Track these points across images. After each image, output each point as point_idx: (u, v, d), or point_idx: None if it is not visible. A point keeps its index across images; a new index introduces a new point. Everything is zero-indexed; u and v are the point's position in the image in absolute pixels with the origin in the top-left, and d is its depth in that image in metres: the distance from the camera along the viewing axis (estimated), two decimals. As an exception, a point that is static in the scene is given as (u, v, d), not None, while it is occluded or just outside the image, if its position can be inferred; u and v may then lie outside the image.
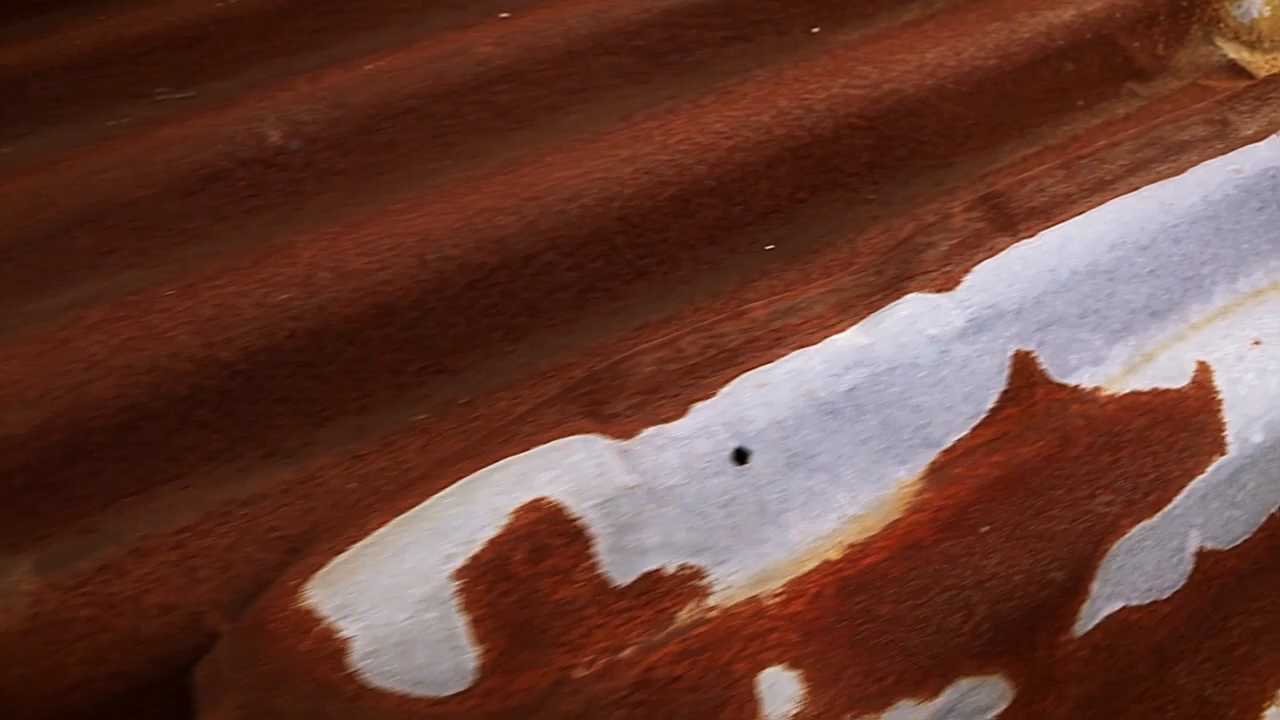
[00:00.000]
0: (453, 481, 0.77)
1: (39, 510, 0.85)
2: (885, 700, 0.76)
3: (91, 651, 0.78)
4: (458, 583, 0.72)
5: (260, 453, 0.88)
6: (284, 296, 0.90)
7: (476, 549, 0.73)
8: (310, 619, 0.72)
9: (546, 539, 0.74)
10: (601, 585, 0.75)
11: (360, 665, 0.70)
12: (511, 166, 1.02)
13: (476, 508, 0.75)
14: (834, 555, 0.80)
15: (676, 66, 1.10)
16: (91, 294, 0.94)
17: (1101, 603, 0.84)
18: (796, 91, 1.04)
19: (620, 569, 0.75)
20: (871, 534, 0.81)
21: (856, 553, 0.81)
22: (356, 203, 0.99)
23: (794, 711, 0.74)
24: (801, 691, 0.75)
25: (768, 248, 1.00)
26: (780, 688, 0.75)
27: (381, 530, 0.76)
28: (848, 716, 0.75)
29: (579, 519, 0.75)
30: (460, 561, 0.73)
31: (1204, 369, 0.91)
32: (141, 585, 0.81)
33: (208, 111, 1.04)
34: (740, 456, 0.79)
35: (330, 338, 0.90)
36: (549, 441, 0.78)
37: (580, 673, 0.73)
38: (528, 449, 0.78)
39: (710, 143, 1.00)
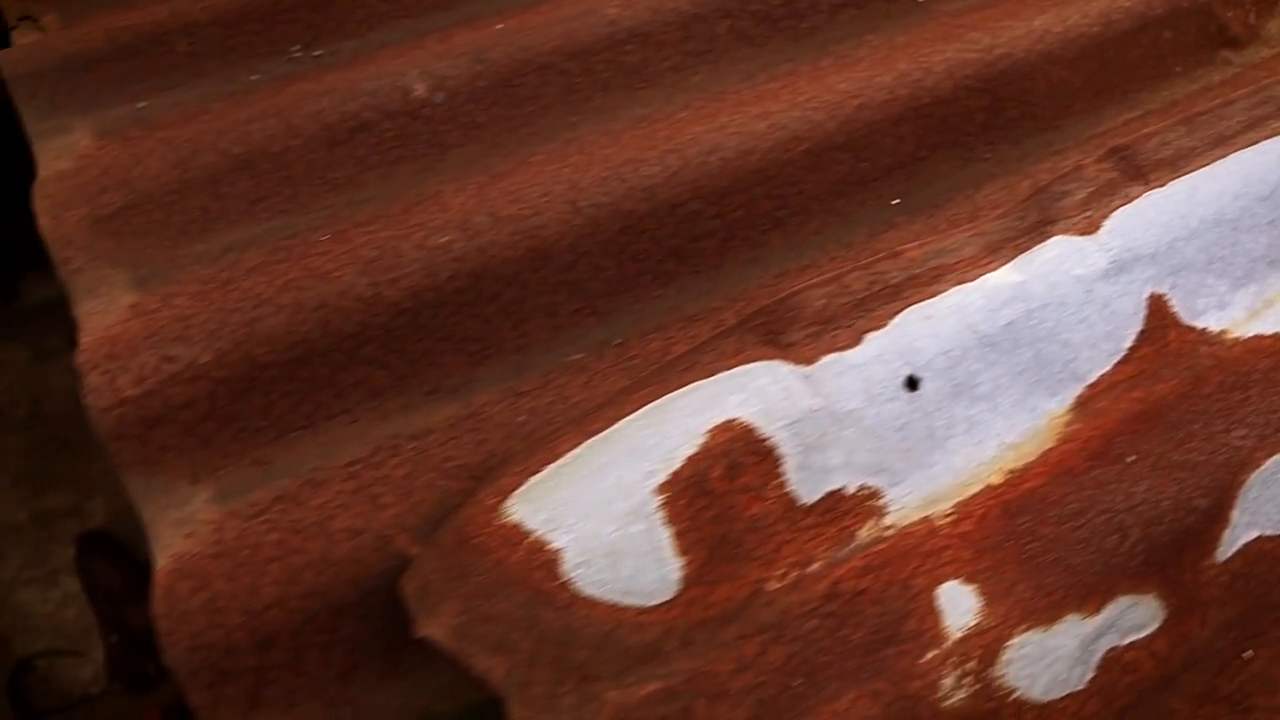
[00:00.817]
0: (640, 406, 0.80)
1: (215, 441, 0.86)
2: (1054, 614, 0.79)
3: (285, 572, 0.79)
4: (661, 497, 0.75)
5: (425, 389, 0.90)
6: (444, 239, 0.93)
7: (676, 466, 0.76)
8: (518, 533, 0.74)
9: (740, 457, 0.77)
10: (790, 503, 0.78)
11: (572, 575, 0.72)
12: (644, 122, 1.05)
13: (670, 428, 0.78)
14: (996, 480, 0.84)
15: (792, 31, 1.13)
16: (247, 238, 0.95)
17: (1241, 530, 0.88)
18: (913, 55, 1.08)
19: (806, 487, 0.78)
20: (1028, 460, 0.85)
21: (1016, 478, 0.84)
22: (500, 154, 1.02)
23: (973, 623, 0.77)
24: (978, 604, 0.78)
25: (893, 202, 1.04)
26: (958, 601, 0.78)
27: (575, 451, 0.78)
28: (1022, 628, 0.78)
29: (769, 439, 0.78)
30: (661, 478, 0.75)
31: (1320, 315, 0.95)
32: (324, 512, 0.83)
33: (343, 68, 1.06)
34: (912, 384, 0.82)
35: (490, 279, 0.92)
36: (732, 368, 0.81)
37: (773, 585, 0.76)
38: (712, 375, 0.81)
39: (838, 101, 1.04)
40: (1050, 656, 0.79)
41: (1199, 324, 0.94)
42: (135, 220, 0.95)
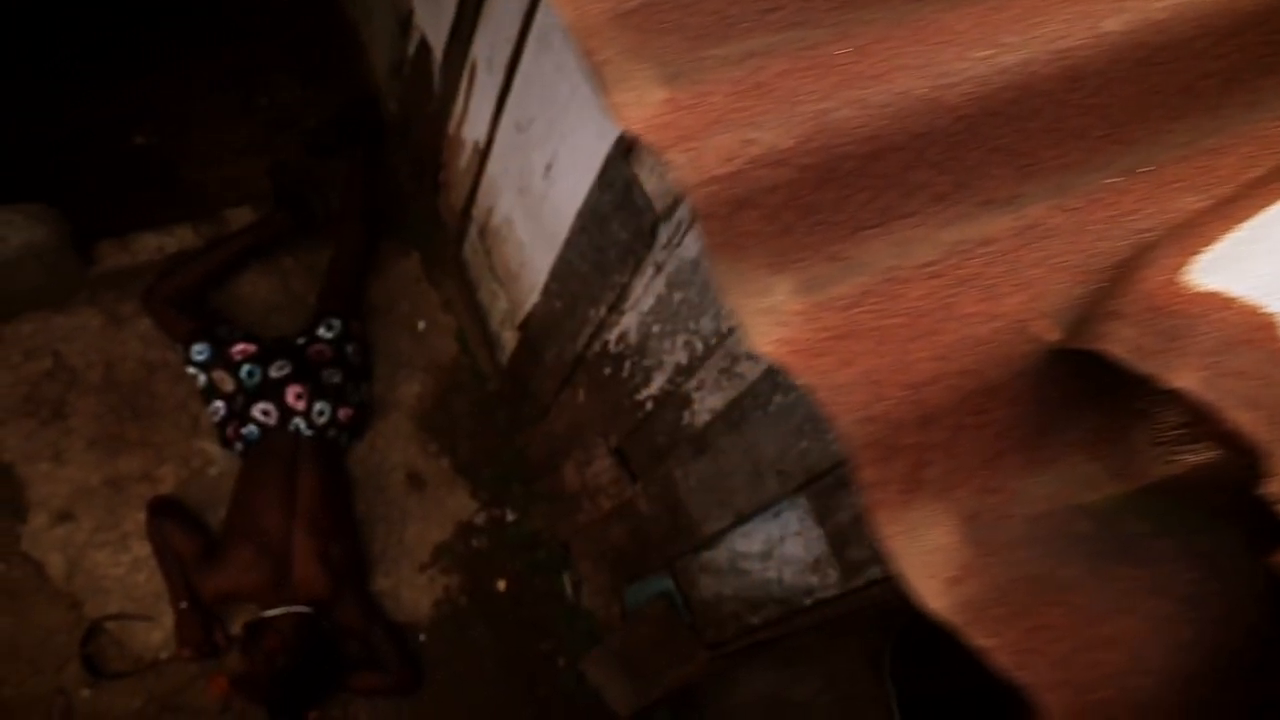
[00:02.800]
0: (1271, 201, 0.78)
1: (794, 231, 0.82)
2: None
3: (934, 349, 0.75)
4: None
5: (978, 199, 0.87)
6: (985, 53, 0.90)
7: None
8: (1222, 299, 0.71)
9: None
10: None
11: (1297, 338, 0.70)
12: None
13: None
14: None
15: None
16: (766, 45, 0.91)
17: None
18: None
19: None
20: None
21: None
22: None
23: None
24: None
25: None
26: None
27: (1233, 235, 0.76)
28: None
29: None
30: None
31: None
32: (940, 300, 0.78)
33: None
34: None
35: (1033, 95, 0.90)
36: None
37: None
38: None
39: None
40: None
41: None
42: (655, 18, 0.90)
